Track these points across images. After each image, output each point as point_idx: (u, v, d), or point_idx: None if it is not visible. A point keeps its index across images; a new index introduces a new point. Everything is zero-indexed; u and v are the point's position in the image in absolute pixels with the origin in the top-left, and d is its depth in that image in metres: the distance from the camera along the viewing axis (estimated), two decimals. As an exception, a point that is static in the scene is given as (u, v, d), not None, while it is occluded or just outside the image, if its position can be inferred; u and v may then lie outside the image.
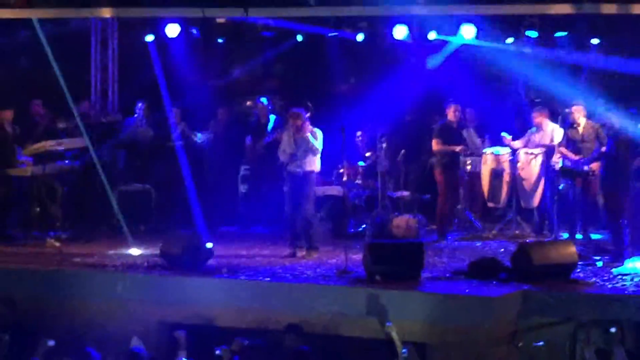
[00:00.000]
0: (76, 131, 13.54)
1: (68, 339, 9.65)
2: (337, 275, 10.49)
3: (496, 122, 13.90)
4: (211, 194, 14.22)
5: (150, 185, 13.96)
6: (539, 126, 12.69)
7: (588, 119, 12.27)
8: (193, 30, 15.53)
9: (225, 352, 9.01)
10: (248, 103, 16.74)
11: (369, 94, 14.99)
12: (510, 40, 14.94)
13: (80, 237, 12.75)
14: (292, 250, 11.71)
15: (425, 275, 10.27)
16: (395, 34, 14.76)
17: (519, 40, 14.78)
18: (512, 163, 12.74)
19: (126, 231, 12.56)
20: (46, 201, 13.05)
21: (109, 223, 13.43)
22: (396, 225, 12.81)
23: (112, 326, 10.03)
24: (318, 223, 11.91)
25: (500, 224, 13.15)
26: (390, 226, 12.86)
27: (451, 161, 12.89)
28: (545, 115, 12.68)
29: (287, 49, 16.21)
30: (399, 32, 14.72)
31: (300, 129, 11.49)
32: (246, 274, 10.56)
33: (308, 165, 11.56)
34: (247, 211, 14.37)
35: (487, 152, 12.94)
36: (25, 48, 15.24)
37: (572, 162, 11.97)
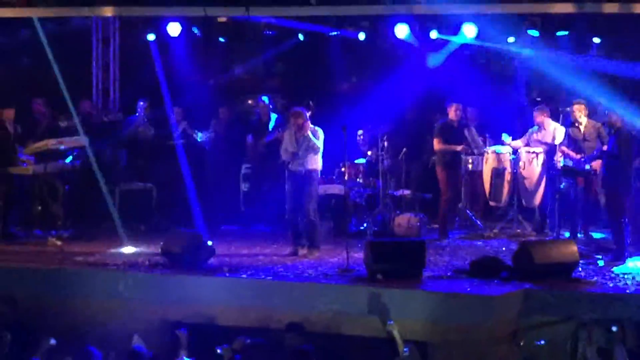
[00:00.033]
0: (78, 130, 13.54)
1: (69, 338, 9.63)
2: (339, 273, 10.49)
3: (497, 121, 13.88)
4: (212, 193, 14.23)
5: (151, 184, 13.95)
6: (541, 125, 12.67)
7: (589, 118, 12.28)
8: (194, 29, 15.52)
9: (226, 351, 9.00)
10: (249, 102, 16.77)
11: (371, 93, 14.98)
12: (511, 39, 14.94)
13: (81, 236, 12.74)
14: (294, 249, 11.69)
15: (426, 274, 10.27)
16: (396, 33, 14.75)
17: (521, 39, 14.78)
18: (514, 162, 12.73)
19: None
20: (48, 200, 13.04)
21: (110, 222, 13.44)
22: (397, 223, 12.82)
23: (114, 325, 10.02)
24: (320, 222, 11.89)
25: (501, 223, 13.13)
26: (391, 225, 12.87)
27: (452, 160, 12.91)
28: (546, 114, 12.66)
29: (289, 48, 16.20)
30: (401, 31, 14.71)
31: (301, 128, 11.47)
32: (247, 273, 10.54)
33: (310, 164, 11.52)
34: (249, 210, 14.37)
35: (489, 151, 12.92)
36: (26, 47, 15.25)
37: (574, 161, 11.97)
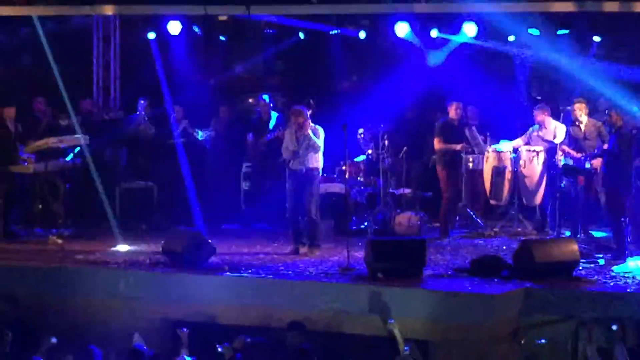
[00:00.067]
0: (75, 129, 13.56)
1: (70, 336, 9.65)
2: (339, 272, 10.48)
3: (498, 120, 13.88)
4: (213, 192, 14.23)
5: (152, 182, 13.94)
6: (541, 124, 12.65)
7: (590, 117, 12.28)
8: (195, 27, 15.52)
9: (227, 350, 9.00)
10: (250, 100, 16.76)
11: (371, 92, 14.98)
12: (512, 38, 14.93)
13: (82, 235, 12.75)
14: (295, 247, 11.68)
15: (427, 272, 10.26)
16: (397, 32, 14.75)
17: (521, 38, 14.77)
18: (514, 160, 12.71)
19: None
20: (48, 198, 13.05)
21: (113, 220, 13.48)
22: (398, 222, 12.81)
23: (115, 323, 10.02)
24: (320, 221, 11.88)
25: (502, 222, 13.12)
26: (392, 223, 12.86)
27: (453, 159, 12.89)
28: (547, 113, 12.63)
29: (289, 47, 16.19)
30: (401, 30, 14.71)
31: (302, 127, 11.45)
32: (248, 272, 10.53)
33: (310, 162, 11.50)
34: (249, 209, 14.37)
35: (489, 150, 12.91)
36: (27, 45, 15.26)
37: (575, 160, 11.97)
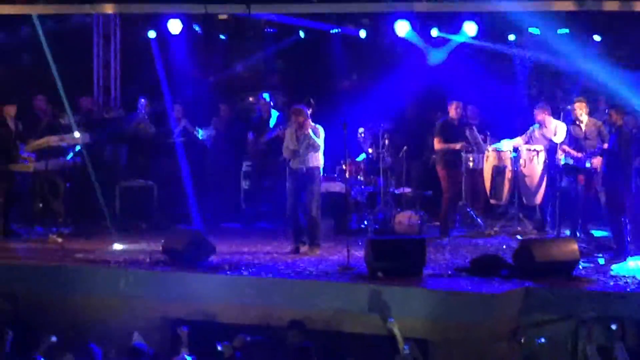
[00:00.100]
0: (79, 127, 13.55)
1: (70, 335, 9.67)
2: (339, 271, 10.48)
3: (498, 119, 13.88)
4: (213, 190, 14.24)
5: (152, 181, 13.95)
6: (542, 123, 12.65)
7: (590, 116, 12.28)
8: (195, 26, 15.52)
9: (226, 348, 9.02)
10: (250, 99, 16.76)
11: (371, 91, 14.99)
12: (512, 37, 14.93)
13: (82, 233, 12.75)
14: (295, 246, 11.67)
15: (427, 271, 10.25)
16: (397, 31, 14.75)
17: (521, 37, 14.78)
18: (514, 160, 12.71)
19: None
20: (48, 197, 13.04)
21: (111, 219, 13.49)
22: (398, 221, 12.81)
23: (115, 322, 10.03)
24: (321, 220, 11.87)
25: (502, 221, 13.12)
26: (392, 222, 12.87)
27: (453, 158, 12.88)
28: (547, 112, 12.63)
29: (289, 46, 16.20)
30: (401, 29, 14.71)
31: (302, 126, 11.44)
32: (248, 271, 10.53)
33: (311, 161, 11.48)
34: (249, 207, 14.37)
35: (489, 149, 12.91)
36: (28, 44, 15.24)
37: (575, 159, 11.97)
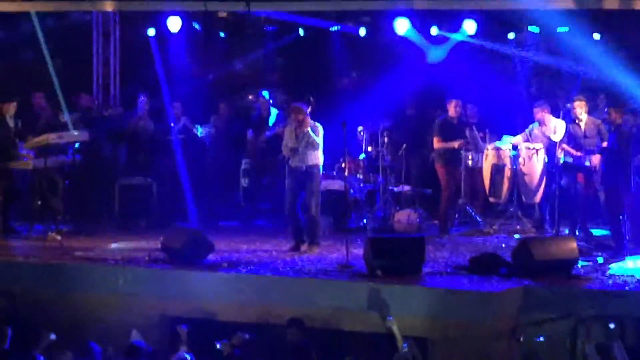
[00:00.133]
0: (76, 125, 13.55)
1: (69, 333, 9.66)
2: (338, 269, 10.47)
3: (497, 118, 13.88)
4: (212, 188, 14.23)
5: (151, 179, 13.94)
6: (541, 121, 12.64)
7: (589, 115, 12.28)
8: (195, 24, 15.51)
9: (225, 346, 9.02)
10: (250, 97, 16.77)
11: (371, 88, 14.99)
12: (512, 35, 14.93)
13: (81, 231, 12.76)
14: (294, 244, 11.65)
15: (426, 270, 10.25)
16: (397, 29, 14.75)
17: (521, 35, 14.78)
18: (514, 158, 12.71)
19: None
20: (47, 194, 13.01)
21: (110, 217, 13.50)
22: (397, 219, 12.81)
23: (113, 320, 10.03)
24: (320, 218, 11.86)
25: (501, 219, 13.13)
26: (391, 221, 12.87)
27: (452, 156, 12.87)
28: (546, 110, 12.62)
29: (289, 43, 16.20)
30: (401, 27, 14.70)
31: (301, 124, 11.43)
32: (247, 269, 10.53)
33: (310, 160, 11.45)
34: (248, 205, 14.37)
35: (489, 147, 12.91)
36: (27, 41, 15.24)
37: (574, 158, 11.97)
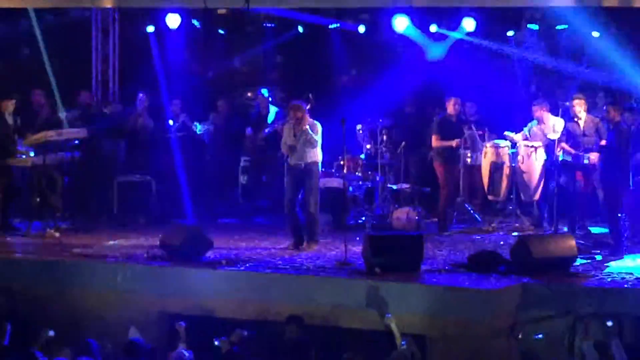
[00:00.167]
0: (77, 122, 13.54)
1: (68, 330, 9.66)
2: (337, 267, 10.48)
3: (496, 116, 13.87)
4: (211, 186, 14.23)
5: (150, 176, 13.94)
6: (540, 119, 12.64)
7: (588, 113, 12.27)
8: (194, 21, 15.50)
9: (224, 343, 9.02)
10: (249, 94, 16.75)
11: (370, 86, 14.98)
12: (511, 33, 14.92)
13: (80, 228, 12.74)
14: (292, 242, 11.64)
15: (424, 267, 10.26)
16: (396, 27, 14.74)
17: (520, 33, 14.77)
18: (512, 156, 12.71)
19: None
20: (46, 191, 13.01)
21: (109, 214, 13.49)
22: (396, 217, 12.80)
23: (112, 317, 10.04)
24: (319, 216, 11.86)
25: (500, 217, 13.14)
26: (390, 218, 12.87)
27: (451, 154, 12.85)
28: (545, 108, 12.61)
29: (288, 40, 16.18)
30: (400, 25, 14.69)
31: (300, 121, 11.43)
32: (246, 266, 10.53)
33: (309, 157, 11.42)
34: (247, 203, 14.37)
35: (488, 145, 12.90)
36: (26, 38, 15.23)
37: (573, 156, 11.96)
